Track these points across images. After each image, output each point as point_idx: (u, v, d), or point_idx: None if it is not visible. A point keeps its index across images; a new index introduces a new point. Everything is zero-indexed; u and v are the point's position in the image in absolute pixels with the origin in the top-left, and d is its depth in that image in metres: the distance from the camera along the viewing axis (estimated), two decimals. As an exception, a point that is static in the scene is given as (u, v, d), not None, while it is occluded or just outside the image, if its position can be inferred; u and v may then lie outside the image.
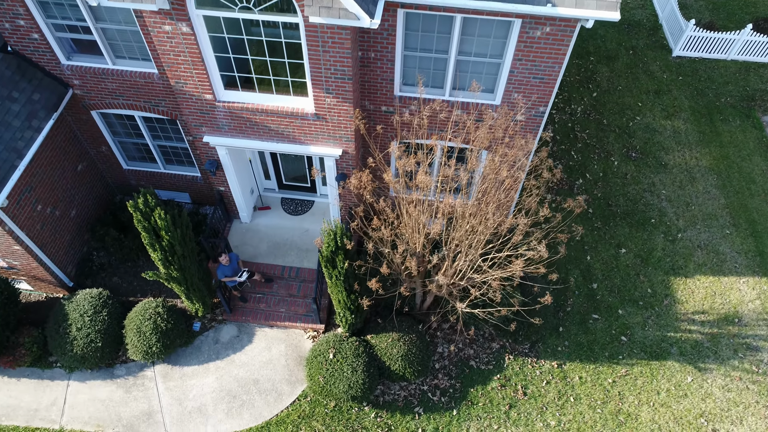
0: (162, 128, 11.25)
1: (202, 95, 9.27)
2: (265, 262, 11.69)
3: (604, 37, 19.22)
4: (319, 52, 8.19)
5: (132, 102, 10.45)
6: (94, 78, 10.04)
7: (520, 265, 7.49)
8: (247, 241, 12.00)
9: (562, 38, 8.23)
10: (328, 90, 8.81)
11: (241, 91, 9.33)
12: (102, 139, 11.54)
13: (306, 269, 11.61)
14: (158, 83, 9.96)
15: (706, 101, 17.18)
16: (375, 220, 8.11)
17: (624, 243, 13.91)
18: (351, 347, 10.64)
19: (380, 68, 9.10)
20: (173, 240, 9.05)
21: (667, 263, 13.59)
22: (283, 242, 11.97)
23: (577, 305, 12.82)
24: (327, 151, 9.92)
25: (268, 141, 10.01)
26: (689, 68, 18.08)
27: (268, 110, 9.36)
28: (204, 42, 8.45)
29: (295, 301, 11.63)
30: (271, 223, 12.26)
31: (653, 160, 15.64)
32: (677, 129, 16.45)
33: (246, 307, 11.65)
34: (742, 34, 17.41)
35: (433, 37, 8.65)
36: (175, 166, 12.31)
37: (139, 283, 12.03)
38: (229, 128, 9.88)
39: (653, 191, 14.96)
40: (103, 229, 11.66)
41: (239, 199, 11.72)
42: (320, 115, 9.33)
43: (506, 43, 8.55)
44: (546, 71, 8.76)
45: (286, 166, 12.11)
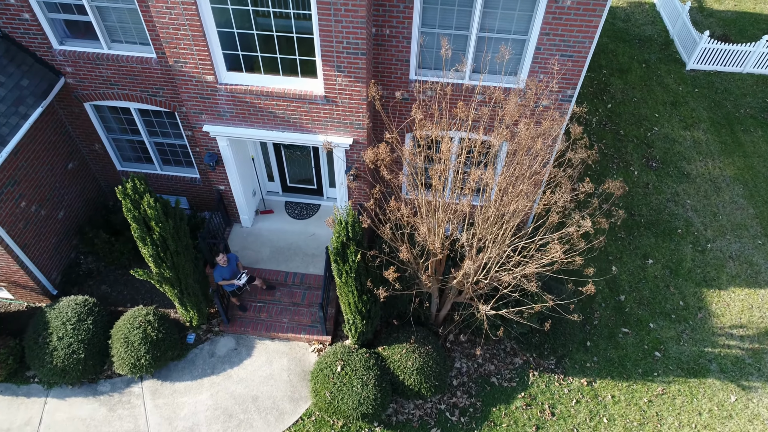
0: (159, 123, 10.53)
1: (203, 76, 8.58)
2: (268, 267, 10.76)
3: (615, 51, 18.84)
4: (330, 21, 7.53)
5: (128, 91, 9.76)
6: (88, 64, 9.38)
7: (559, 251, 6.60)
8: (249, 246, 11.10)
9: (594, 7, 7.59)
10: (339, 68, 8.11)
11: (244, 73, 8.64)
12: (95, 135, 10.80)
13: (312, 275, 10.67)
14: (156, 69, 9.29)
15: (724, 112, 16.61)
16: (392, 201, 7.26)
17: (650, 253, 13.02)
18: (361, 359, 9.60)
19: (395, 47, 8.44)
20: (165, 233, 8.16)
21: (698, 274, 12.66)
22: (287, 247, 11.07)
23: (605, 318, 11.82)
24: (337, 140, 9.16)
25: (273, 130, 9.26)
26: (704, 81, 17.60)
27: (274, 93, 8.64)
28: (206, 13, 7.81)
29: (299, 310, 10.64)
30: (274, 227, 11.39)
31: (675, 169, 14.92)
32: (697, 139, 15.80)
33: (245, 317, 10.64)
34: (757, 45, 17.00)
35: (453, 11, 8.02)
36: (173, 168, 11.53)
37: (130, 291, 11.06)
38: (231, 115, 9.15)
39: (677, 201, 14.17)
40: (93, 231, 10.78)
41: (240, 200, 10.88)
42: (330, 98, 8.61)
43: (533, 16, 7.91)
44: (576, 47, 8.09)
45: (291, 167, 11.34)
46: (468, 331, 10.71)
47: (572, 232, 6.56)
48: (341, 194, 10.36)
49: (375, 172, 9.83)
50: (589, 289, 7.03)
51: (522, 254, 7.77)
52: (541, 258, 7.40)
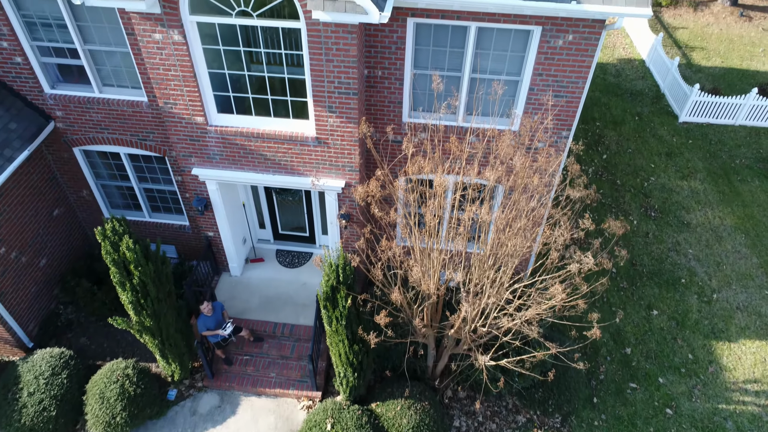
0: (149, 168, 10.34)
1: (193, 118, 8.45)
2: (256, 318, 10.27)
3: (608, 104, 19.09)
4: (322, 61, 7.47)
5: (118, 136, 9.63)
6: (79, 108, 9.29)
7: (561, 293, 6.21)
8: (237, 295, 10.64)
9: (586, 47, 7.56)
10: (331, 108, 8.00)
11: (235, 114, 8.52)
12: (83, 181, 10.59)
13: (302, 326, 10.16)
14: (147, 112, 9.20)
15: (720, 163, 16.59)
16: (384, 240, 6.92)
17: (655, 304, 12.56)
18: (352, 417, 8.95)
19: (388, 89, 8.37)
20: (145, 277, 7.76)
21: (706, 326, 12.15)
22: (276, 296, 10.62)
23: (611, 373, 11.21)
24: (328, 183, 8.94)
25: (264, 173, 9.05)
26: (698, 132, 17.72)
27: (265, 135, 8.49)
28: (197, 54, 7.76)
29: (287, 363, 10.05)
30: (265, 276, 10.98)
31: (674, 219, 14.70)
32: (695, 189, 15.68)
33: (231, 371, 10.03)
34: (748, 98, 17.24)
35: (445, 52, 8.00)
36: (162, 215, 11.25)
37: (110, 344, 10.50)
38: (221, 158, 8.96)
39: (679, 250, 13.85)
40: (75, 280, 10.35)
41: (230, 248, 10.53)
42: (322, 140, 8.45)
43: (525, 56, 7.89)
44: (569, 88, 8.02)
45: (283, 213, 11.07)
46: (466, 384, 10.08)
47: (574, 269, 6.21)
48: (333, 235, 10.03)
49: (367, 211, 9.55)
50: (594, 334, 6.58)
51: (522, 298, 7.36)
52: (542, 302, 6.99)
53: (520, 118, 8.41)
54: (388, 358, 9.83)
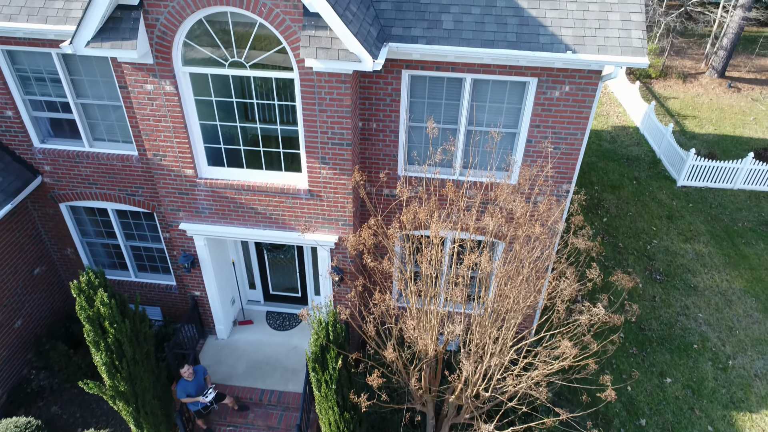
0: (137, 225, 10.02)
1: (182, 170, 8.23)
2: (242, 384, 9.56)
3: (605, 169, 19.11)
4: (315, 111, 7.34)
5: (107, 191, 9.38)
6: (68, 162, 9.10)
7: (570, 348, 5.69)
8: (223, 360, 9.98)
9: (583, 98, 7.47)
10: (324, 159, 7.79)
11: (226, 167, 8.31)
12: (68, 239, 10.23)
13: (291, 393, 9.44)
14: (137, 167, 9.00)
15: (722, 226, 16.34)
16: (377, 294, 6.45)
17: (667, 371, 11.84)
18: (344, 495, 8.09)
19: (383, 141, 8.22)
20: (120, 335, 7.22)
21: (724, 395, 11.38)
22: (265, 361, 9.96)
23: (626, 447, 10.35)
24: (321, 238, 8.58)
25: (254, 227, 8.72)
26: (697, 196, 17.60)
27: (256, 187, 8.24)
28: (189, 105, 7.65)
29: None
30: (253, 339, 10.36)
31: (681, 282, 14.23)
32: (699, 252, 15.32)
33: (212, 444, 9.22)
34: (745, 162, 17.28)
35: (441, 105, 7.91)
36: (148, 274, 10.80)
37: (84, 413, 9.72)
38: (210, 212, 8.66)
39: (688, 314, 13.28)
40: (50, 343, 9.74)
41: (217, 309, 10.00)
42: (314, 192, 8.19)
43: (522, 108, 7.78)
44: (568, 140, 7.86)
45: (274, 273, 10.63)
46: (470, 460, 9.23)
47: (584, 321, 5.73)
48: (326, 294, 9.53)
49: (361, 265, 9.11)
50: (609, 396, 5.99)
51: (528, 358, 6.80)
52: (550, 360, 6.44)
53: (519, 169, 8.19)
54: (383, 429, 9.06)
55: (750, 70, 26.17)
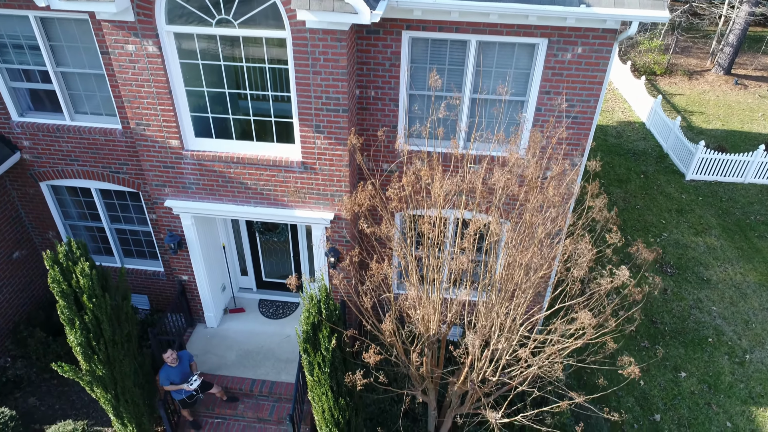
0: (122, 206, 9.48)
1: (167, 141, 7.70)
2: (232, 374, 8.98)
3: (611, 163, 18.59)
4: (308, 73, 6.83)
5: (89, 168, 8.86)
6: (48, 137, 8.59)
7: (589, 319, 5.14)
8: (212, 349, 9.40)
9: (597, 61, 6.95)
10: (318, 128, 7.27)
11: (214, 139, 7.79)
12: (50, 221, 9.69)
13: (283, 383, 8.85)
14: (120, 141, 8.48)
15: (734, 219, 15.78)
16: (373, 264, 5.90)
17: (682, 366, 11.24)
18: (339, 492, 7.48)
19: (381, 110, 7.70)
20: (99, 312, 6.66)
21: (742, 390, 10.77)
22: (256, 350, 9.38)
23: (640, 443, 9.74)
24: (315, 215, 8.04)
25: (244, 204, 8.18)
26: (707, 190, 17.07)
27: (246, 160, 7.71)
28: (173, 69, 7.14)
29: (265, 428, 8.65)
30: (244, 328, 9.78)
31: (693, 275, 13.66)
32: (711, 245, 14.75)
33: (199, 438, 8.62)
34: (755, 155, 16.76)
35: (444, 70, 7.39)
36: (135, 260, 10.25)
37: (63, 405, 9.13)
38: (197, 188, 8.12)
39: (701, 308, 12.70)
40: (28, 330, 9.17)
41: (205, 295, 9.44)
42: (308, 165, 7.66)
43: (531, 73, 7.26)
44: (580, 107, 7.33)
45: (267, 258, 10.07)
46: (474, 456, 8.62)
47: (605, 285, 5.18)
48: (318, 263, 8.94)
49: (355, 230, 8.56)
50: (633, 372, 5.42)
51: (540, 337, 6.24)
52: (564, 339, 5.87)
53: (527, 142, 7.66)
54: (382, 422, 8.46)
55: (756, 68, 25.73)
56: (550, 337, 5.90)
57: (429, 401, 7.95)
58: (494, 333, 6.32)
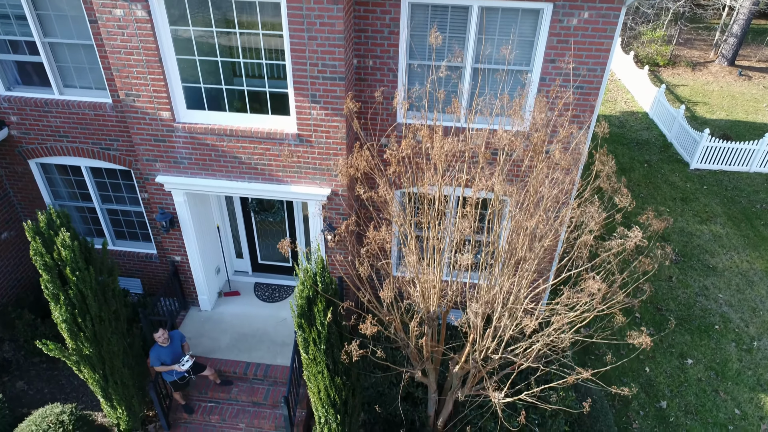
0: (113, 185, 9.21)
1: (158, 113, 7.43)
2: (226, 357, 8.71)
3: (614, 152, 18.30)
4: (304, 38, 6.56)
5: (79, 144, 8.59)
6: (36, 112, 8.32)
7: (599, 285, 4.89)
8: (206, 333, 9.14)
9: (604, 27, 6.68)
10: (314, 97, 7.00)
11: (206, 111, 7.52)
12: (39, 201, 9.43)
13: (279, 367, 8.58)
14: (111, 116, 8.22)
15: (740, 208, 15.51)
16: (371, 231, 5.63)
17: (688, 353, 10.97)
18: (335, 476, 7.22)
19: (380, 81, 7.42)
20: (84, 286, 6.38)
21: (750, 377, 10.50)
22: (252, 333, 9.11)
23: (646, 429, 9.46)
24: (311, 191, 7.77)
25: (238, 180, 7.91)
26: (712, 179, 16.79)
27: (239, 132, 7.44)
28: (163, 35, 6.87)
29: (260, 412, 8.38)
30: (239, 311, 9.52)
31: (698, 263, 13.38)
32: (716, 233, 14.48)
33: (191, 421, 8.35)
34: (761, 144, 16.50)
35: (444, 38, 7.12)
36: (127, 242, 9.99)
37: (53, 390, 8.87)
38: (190, 162, 7.85)
39: (707, 295, 12.43)
40: (16, 312, 8.90)
41: (199, 277, 9.17)
42: (304, 137, 7.39)
43: (535, 41, 6.99)
44: (586, 76, 7.06)
45: (263, 239, 9.81)
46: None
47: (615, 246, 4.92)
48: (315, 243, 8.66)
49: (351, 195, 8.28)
50: (644, 342, 5.16)
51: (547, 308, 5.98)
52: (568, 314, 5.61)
53: (531, 113, 7.38)
54: (380, 406, 8.18)
55: (761, 60, 25.46)
56: (557, 308, 5.64)
57: (429, 383, 7.68)
58: (497, 307, 6.05)
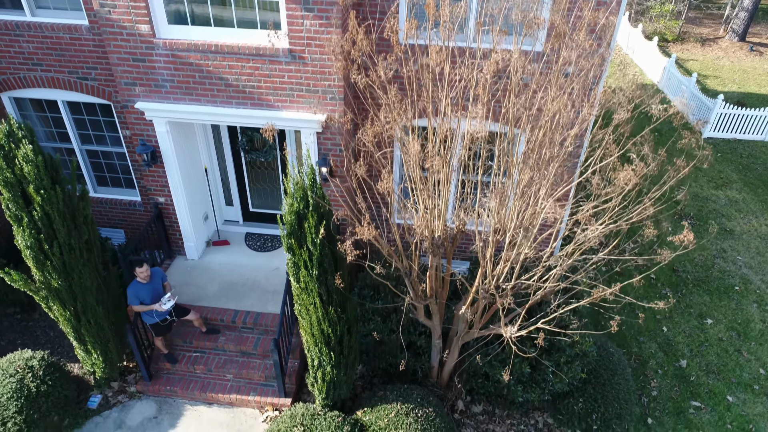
0: (93, 123, 8.56)
1: (136, 26, 6.78)
2: (213, 305, 8.06)
3: (623, 121, 17.60)
4: (295, -68, 5.90)
5: (54, 74, 7.94)
6: (7, 36, 7.67)
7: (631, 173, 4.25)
8: (192, 281, 8.49)
9: None
10: (307, 4, 6.33)
11: (189, 26, 6.86)
12: (14, 142, 8.75)
13: (270, 315, 7.93)
14: (88, 40, 7.56)
15: (756, 174, 14.85)
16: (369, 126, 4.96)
17: (707, 313, 10.31)
18: (330, 425, 6.57)
19: (380, -9, 6.75)
20: (50, 208, 5.72)
21: (774, 338, 9.84)
22: (241, 282, 8.46)
23: (666, 389, 8.80)
24: (304, 116, 7.11)
25: (225, 106, 7.25)
26: (726, 147, 16.14)
27: (225, 49, 6.78)
28: (140, -68, 6.21)
29: (249, 362, 7.73)
30: (229, 261, 8.86)
31: (715, 226, 12.72)
32: (732, 198, 13.82)
33: (175, 372, 7.71)
34: (777, 110, 15.81)
35: (450, -58, 6.44)
36: (109, 189, 9.34)
37: (26, 340, 8.23)
38: (172, 86, 7.20)
39: (725, 258, 11.77)
40: (-14, 257, 8.27)
41: (185, 222, 8.51)
42: (296, 53, 6.72)
43: (550, -58, 6.32)
44: (607, -18, 6.39)
45: (254, 184, 9.15)
46: (482, 393, 7.67)
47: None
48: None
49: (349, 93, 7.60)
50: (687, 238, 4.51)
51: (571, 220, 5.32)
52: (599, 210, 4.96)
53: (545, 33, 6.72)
54: (378, 356, 7.52)
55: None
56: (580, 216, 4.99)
57: (433, 327, 7.03)
58: (510, 221, 5.39)
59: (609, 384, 7.61)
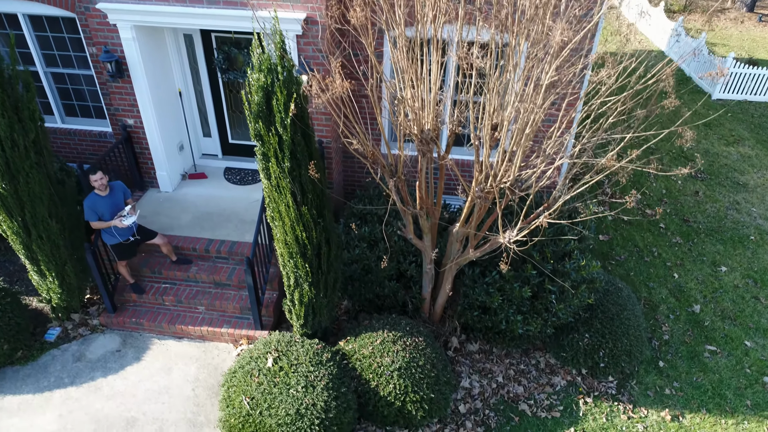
0: (58, 40, 7.88)
1: None
2: (185, 234, 7.38)
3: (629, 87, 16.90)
4: None
5: (11, -20, 7.27)
6: (-41, -64, 7.00)
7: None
8: (164, 211, 7.81)
9: None
10: None
11: None
12: (-26, 64, 8.08)
13: (246, 244, 7.25)
14: (47, -62, 6.88)
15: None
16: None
17: (721, 261, 9.63)
18: (308, 351, 5.90)
19: None
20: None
21: (793, 285, 9.16)
22: (217, 213, 7.79)
23: (678, 333, 8.12)
24: (283, 16, 6.42)
25: (196, 5, 6.56)
26: (737, 108, 15.45)
27: (194, -66, 6.09)
28: None
29: (223, 293, 7.06)
30: (205, 193, 8.19)
31: (727, 180, 12.05)
32: (745, 154, 13.15)
33: (142, 304, 7.04)
34: (791, 69, 15.09)
35: None
36: (78, 119, 8.67)
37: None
38: (137, -19, 6.51)
39: (739, 209, 11.09)
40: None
41: (157, 148, 7.84)
42: (272, -62, 6.04)
43: None
44: None
45: (233, 114, 8.47)
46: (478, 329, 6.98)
47: None
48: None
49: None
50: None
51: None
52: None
53: None
54: (365, 284, 6.84)
55: (782, 5, 24.07)
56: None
57: (424, 249, 6.34)
58: (509, 102, 4.71)
59: (618, 318, 6.94)
